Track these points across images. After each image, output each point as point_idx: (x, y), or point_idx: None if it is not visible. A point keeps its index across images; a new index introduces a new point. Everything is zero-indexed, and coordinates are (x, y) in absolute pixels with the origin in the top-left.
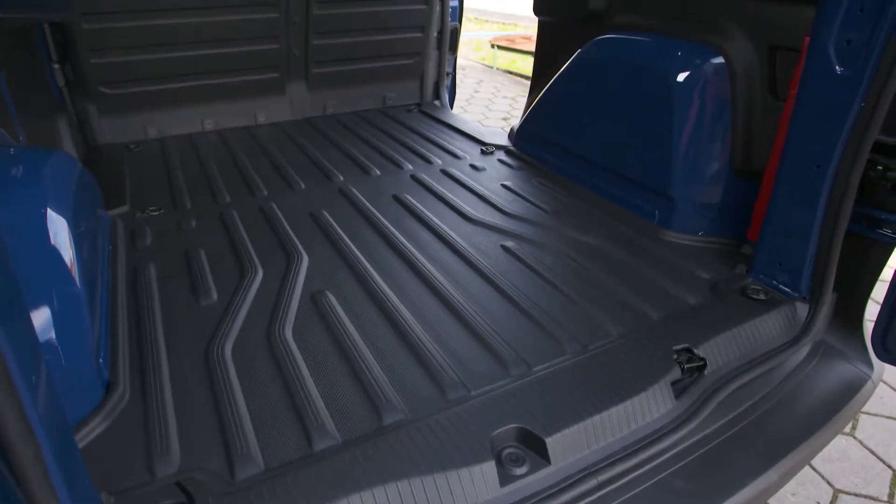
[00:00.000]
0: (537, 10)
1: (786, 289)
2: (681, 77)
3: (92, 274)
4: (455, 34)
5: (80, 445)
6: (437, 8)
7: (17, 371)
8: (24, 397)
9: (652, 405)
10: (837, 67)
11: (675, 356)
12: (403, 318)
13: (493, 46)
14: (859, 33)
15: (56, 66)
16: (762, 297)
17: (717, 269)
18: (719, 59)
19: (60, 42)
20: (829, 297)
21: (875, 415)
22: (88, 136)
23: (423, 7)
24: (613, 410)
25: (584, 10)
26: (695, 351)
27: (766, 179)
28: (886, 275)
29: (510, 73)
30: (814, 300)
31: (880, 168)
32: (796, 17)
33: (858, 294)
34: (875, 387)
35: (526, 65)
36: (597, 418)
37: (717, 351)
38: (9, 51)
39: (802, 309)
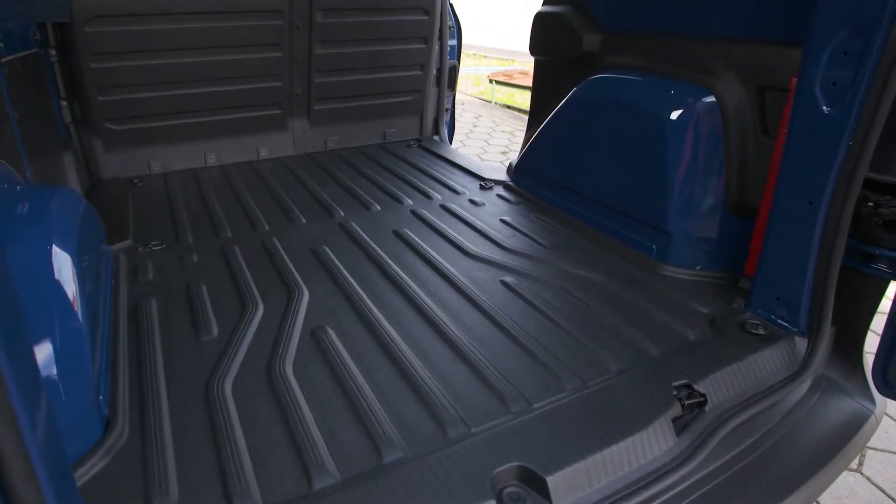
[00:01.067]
0: (533, 50)
1: (784, 323)
2: (674, 115)
3: (94, 309)
4: (454, 72)
5: (79, 484)
6: (436, 47)
7: (20, 408)
8: (26, 434)
9: (653, 442)
10: (825, 108)
11: (675, 392)
12: (403, 354)
13: (491, 81)
14: (844, 75)
15: (64, 103)
16: (761, 331)
17: (716, 303)
18: (711, 99)
19: (69, 80)
20: (827, 332)
21: (882, 450)
22: (93, 170)
23: (423, 46)
24: (615, 448)
25: (579, 51)
26: (695, 387)
27: (761, 215)
28: (885, 306)
29: (508, 107)
30: (812, 335)
31: (871, 204)
32: (783, 59)
33: (857, 328)
34: (878, 422)
35: (524, 99)
36: (598, 456)
37: (718, 387)
38: (20, 90)
39: (801, 343)
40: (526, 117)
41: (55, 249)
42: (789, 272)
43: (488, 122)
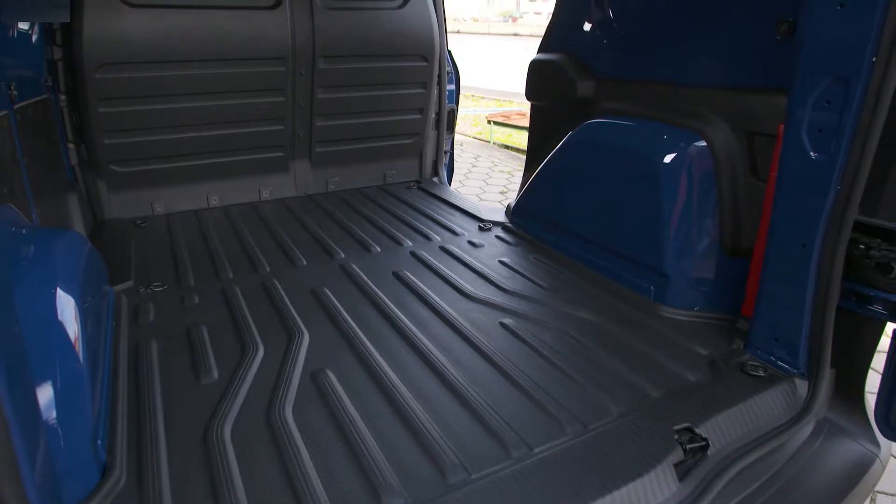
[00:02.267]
0: (530, 95)
1: (784, 365)
2: (667, 159)
3: (95, 351)
4: (452, 115)
5: None
6: (435, 92)
7: (22, 453)
8: (26, 480)
9: (656, 488)
10: (812, 153)
11: (676, 436)
12: (403, 398)
13: (489, 122)
14: (829, 123)
15: (71, 146)
16: (761, 373)
17: (715, 344)
18: (702, 143)
19: (77, 124)
20: (827, 373)
21: (893, 495)
22: (97, 211)
23: (422, 91)
24: (617, 494)
25: (573, 97)
26: (696, 430)
27: (756, 256)
28: (885, 343)
29: (507, 147)
30: (812, 376)
31: (862, 247)
32: (770, 106)
33: (857, 370)
34: (884, 466)
35: (521, 139)
36: (600, 503)
37: (719, 430)
38: (30, 134)
39: (802, 385)
40: (524, 157)
41: (59, 292)
42: (786, 313)
43: (487, 163)
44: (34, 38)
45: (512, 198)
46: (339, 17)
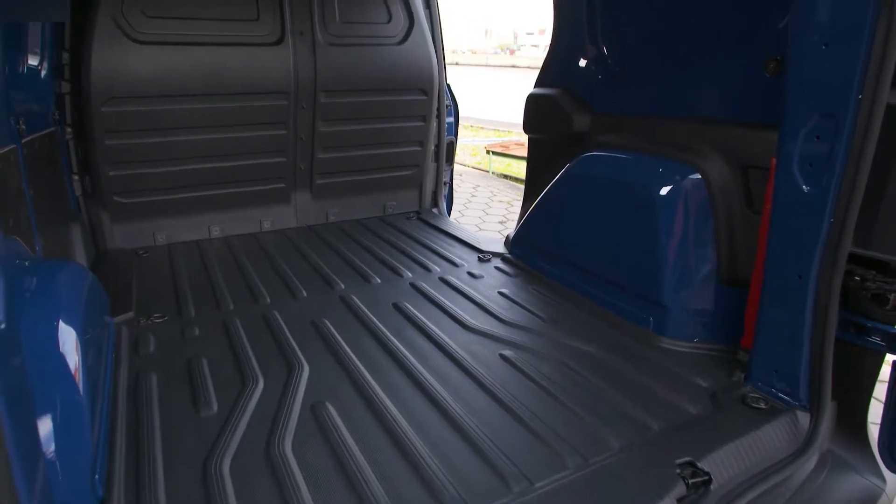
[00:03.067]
0: (527, 128)
1: (785, 397)
2: (663, 191)
3: (95, 384)
4: (451, 147)
5: None
6: (434, 124)
7: (22, 487)
8: None
9: None
10: (804, 186)
11: (678, 471)
12: (403, 431)
13: (488, 152)
14: (819, 157)
15: (75, 177)
16: (762, 405)
17: (715, 376)
18: (696, 176)
19: (82, 156)
20: (828, 406)
21: None
22: (99, 241)
23: (422, 124)
24: None
25: (570, 130)
26: (698, 464)
27: (753, 287)
28: (886, 373)
29: (506, 177)
30: (814, 409)
31: (858, 278)
32: (763, 140)
33: (859, 402)
34: (891, 500)
35: (520, 169)
36: None
37: (722, 464)
38: (37, 167)
39: (804, 418)
40: (522, 187)
41: (61, 325)
42: (785, 345)
43: (486, 192)
44: (44, 73)
45: (511, 228)
46: (341, 53)
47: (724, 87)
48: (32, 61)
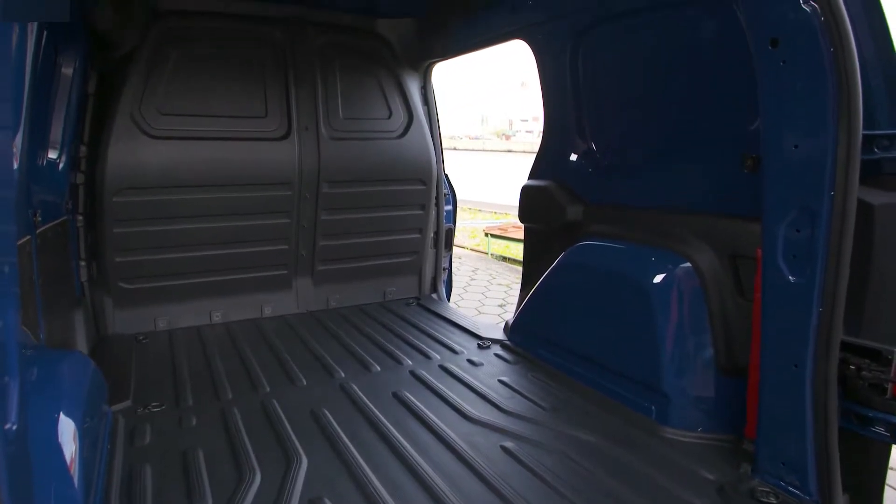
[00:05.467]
0: (522, 217)
1: (795, 490)
2: (657, 279)
3: (90, 476)
4: (450, 234)
5: None
6: (433, 212)
7: None
8: None
9: None
10: (790, 277)
11: None
12: None
13: (486, 235)
14: (801, 249)
15: (83, 263)
16: (773, 500)
17: (722, 468)
18: (687, 265)
19: (91, 243)
20: (840, 498)
21: None
22: (101, 326)
23: (421, 212)
24: None
25: (564, 220)
26: None
27: (752, 376)
28: None
29: (504, 259)
30: (825, 502)
31: (853, 367)
32: (749, 232)
33: (872, 492)
34: None
35: (519, 250)
36: None
37: None
38: (47, 256)
39: None
40: (521, 269)
41: (62, 418)
42: (789, 435)
43: (485, 276)
44: (61, 165)
45: (510, 311)
46: (343, 147)
47: (706, 181)
48: (52, 155)
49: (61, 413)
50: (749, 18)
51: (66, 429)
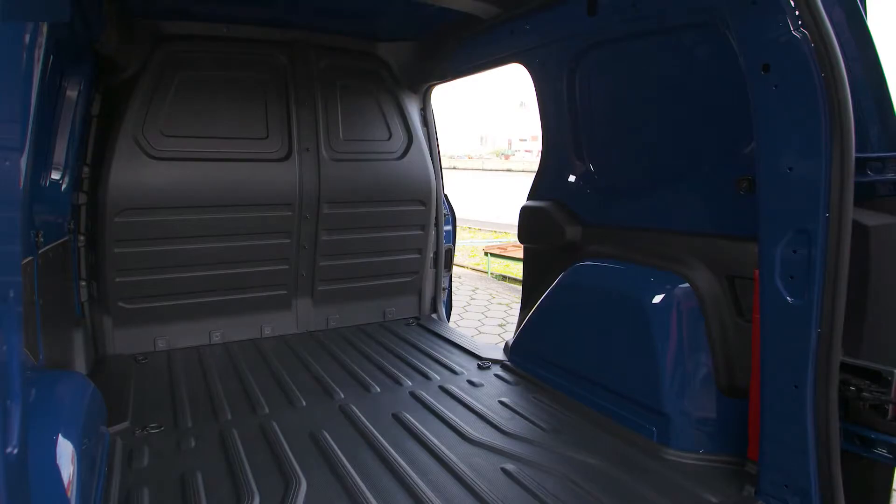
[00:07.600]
0: (522, 238)
1: None
2: (656, 300)
3: (87, 500)
4: (449, 254)
5: None
6: (433, 233)
7: None
8: None
9: None
10: (789, 298)
11: None
12: None
13: (486, 254)
14: (799, 270)
15: (83, 283)
16: None
17: (724, 491)
18: (686, 285)
19: (91, 263)
20: None
21: None
22: (100, 346)
23: (420, 233)
24: None
25: (563, 241)
26: None
27: (753, 397)
28: None
29: (504, 278)
30: None
31: (853, 388)
32: (746, 253)
33: None
34: None
35: (519, 269)
36: None
37: None
38: (48, 276)
39: None
40: (521, 288)
41: (60, 440)
42: (792, 457)
43: (485, 295)
44: (64, 186)
45: (510, 330)
46: (344, 168)
47: (703, 202)
48: (55, 175)
49: (60, 435)
50: (741, 44)
51: (65, 451)
